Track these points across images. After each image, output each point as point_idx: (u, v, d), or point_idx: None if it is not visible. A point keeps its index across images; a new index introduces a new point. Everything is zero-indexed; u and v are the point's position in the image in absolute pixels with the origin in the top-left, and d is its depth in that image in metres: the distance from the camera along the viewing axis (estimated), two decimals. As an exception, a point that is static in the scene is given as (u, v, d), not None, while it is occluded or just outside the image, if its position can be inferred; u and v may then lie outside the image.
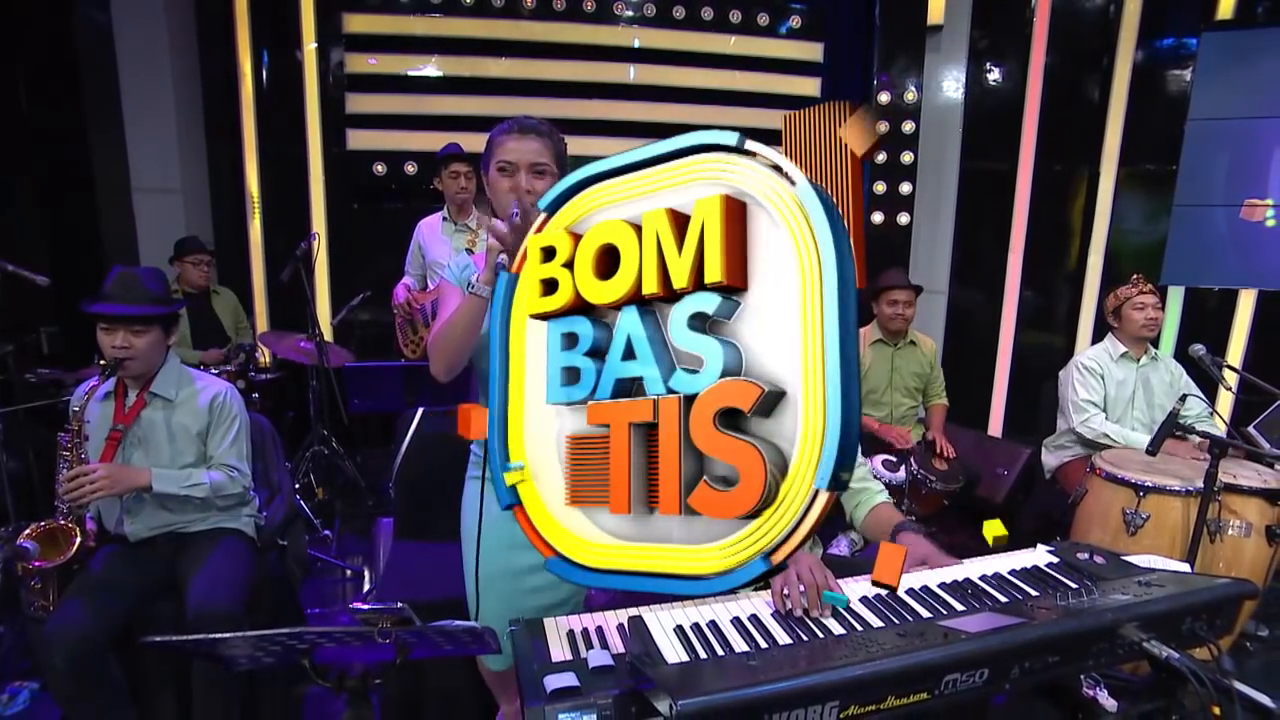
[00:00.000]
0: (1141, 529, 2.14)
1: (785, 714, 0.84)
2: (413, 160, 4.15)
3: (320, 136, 4.22)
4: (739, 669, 0.90)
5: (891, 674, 0.88)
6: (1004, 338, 4.58)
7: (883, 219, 4.29)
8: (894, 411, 3.05)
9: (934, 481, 2.67)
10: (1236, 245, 4.46)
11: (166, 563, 1.93)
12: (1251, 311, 4.41)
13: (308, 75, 4.16)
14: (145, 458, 1.93)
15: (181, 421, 1.97)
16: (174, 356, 2.02)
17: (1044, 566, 1.30)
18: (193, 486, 1.91)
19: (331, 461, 3.52)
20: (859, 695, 0.87)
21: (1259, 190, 4.42)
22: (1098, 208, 4.45)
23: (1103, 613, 1.05)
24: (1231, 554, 2.26)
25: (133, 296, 1.87)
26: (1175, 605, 1.10)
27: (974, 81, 4.40)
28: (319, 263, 4.19)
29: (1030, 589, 1.20)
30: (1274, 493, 2.23)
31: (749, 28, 4.29)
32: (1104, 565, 1.32)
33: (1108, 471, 2.25)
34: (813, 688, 0.83)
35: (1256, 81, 4.31)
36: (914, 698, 0.91)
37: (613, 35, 4.21)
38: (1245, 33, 4.33)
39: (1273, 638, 2.57)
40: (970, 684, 0.95)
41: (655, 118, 4.29)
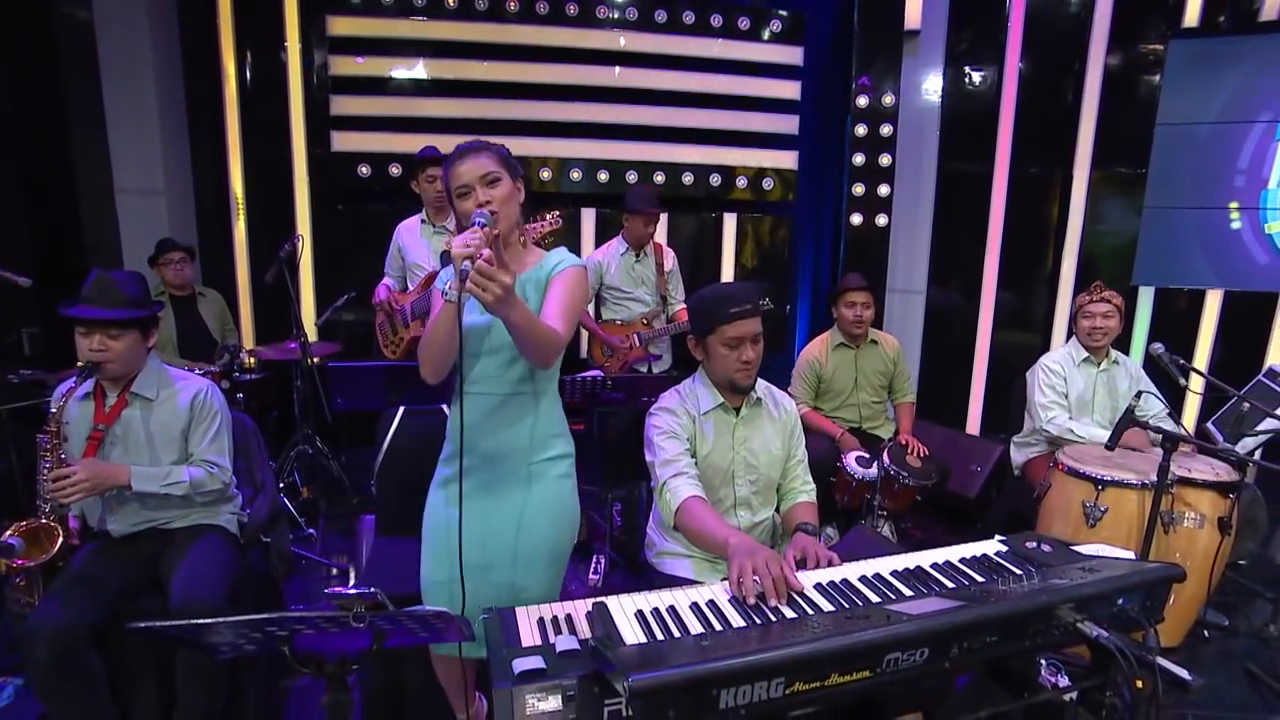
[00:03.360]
0: (1100, 521, 2.22)
1: (733, 689, 0.90)
2: (397, 162, 4.19)
3: (304, 138, 4.25)
4: (692, 649, 0.96)
5: (833, 653, 0.94)
6: (981, 337, 4.68)
7: (861, 220, 4.37)
8: (862, 410, 3.13)
9: (906, 478, 2.75)
10: (1204, 247, 4.59)
11: (149, 558, 1.96)
12: (1218, 312, 4.53)
13: (291, 77, 4.19)
14: (126, 456, 1.96)
15: (162, 421, 2.00)
16: (154, 358, 2.04)
17: (993, 555, 1.37)
18: (172, 485, 1.93)
19: (316, 461, 3.55)
20: (803, 672, 0.93)
21: (1225, 194, 4.55)
22: (1071, 209, 4.56)
23: (1038, 595, 1.12)
24: (1187, 544, 2.35)
25: (109, 300, 1.89)
26: (1106, 587, 1.17)
27: (951, 85, 4.50)
28: (304, 264, 4.22)
29: (977, 575, 1.27)
30: (1226, 485, 2.32)
31: (730, 32, 4.35)
32: (1050, 553, 1.40)
33: (1069, 466, 2.33)
34: (758, 665, 0.89)
35: (1221, 87, 4.44)
36: (857, 675, 0.97)
37: (595, 39, 4.26)
38: (1210, 40, 4.46)
39: (1231, 627, 2.66)
40: (911, 662, 1.01)
41: (637, 120, 4.36)
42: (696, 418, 1.74)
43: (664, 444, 1.67)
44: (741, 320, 1.66)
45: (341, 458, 3.71)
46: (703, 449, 1.72)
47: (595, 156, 4.36)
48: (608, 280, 3.54)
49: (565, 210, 4.47)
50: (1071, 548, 1.43)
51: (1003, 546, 1.41)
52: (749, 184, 4.49)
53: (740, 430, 1.75)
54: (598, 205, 4.49)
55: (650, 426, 1.73)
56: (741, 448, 1.74)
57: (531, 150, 4.29)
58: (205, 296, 3.82)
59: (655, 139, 4.38)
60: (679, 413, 1.73)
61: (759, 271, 4.64)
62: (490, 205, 1.42)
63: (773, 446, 1.77)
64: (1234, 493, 2.34)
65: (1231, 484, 2.32)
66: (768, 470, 1.77)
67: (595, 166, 4.36)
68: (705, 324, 1.71)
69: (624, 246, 3.54)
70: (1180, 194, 4.56)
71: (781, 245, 4.67)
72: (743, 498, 1.74)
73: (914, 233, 4.57)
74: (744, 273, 4.63)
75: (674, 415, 1.72)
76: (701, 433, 1.73)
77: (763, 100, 4.44)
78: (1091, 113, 4.48)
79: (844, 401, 3.13)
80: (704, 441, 1.72)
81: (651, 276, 3.56)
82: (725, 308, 1.68)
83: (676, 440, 1.68)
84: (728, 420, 1.75)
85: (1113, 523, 2.20)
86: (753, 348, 1.69)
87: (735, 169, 4.47)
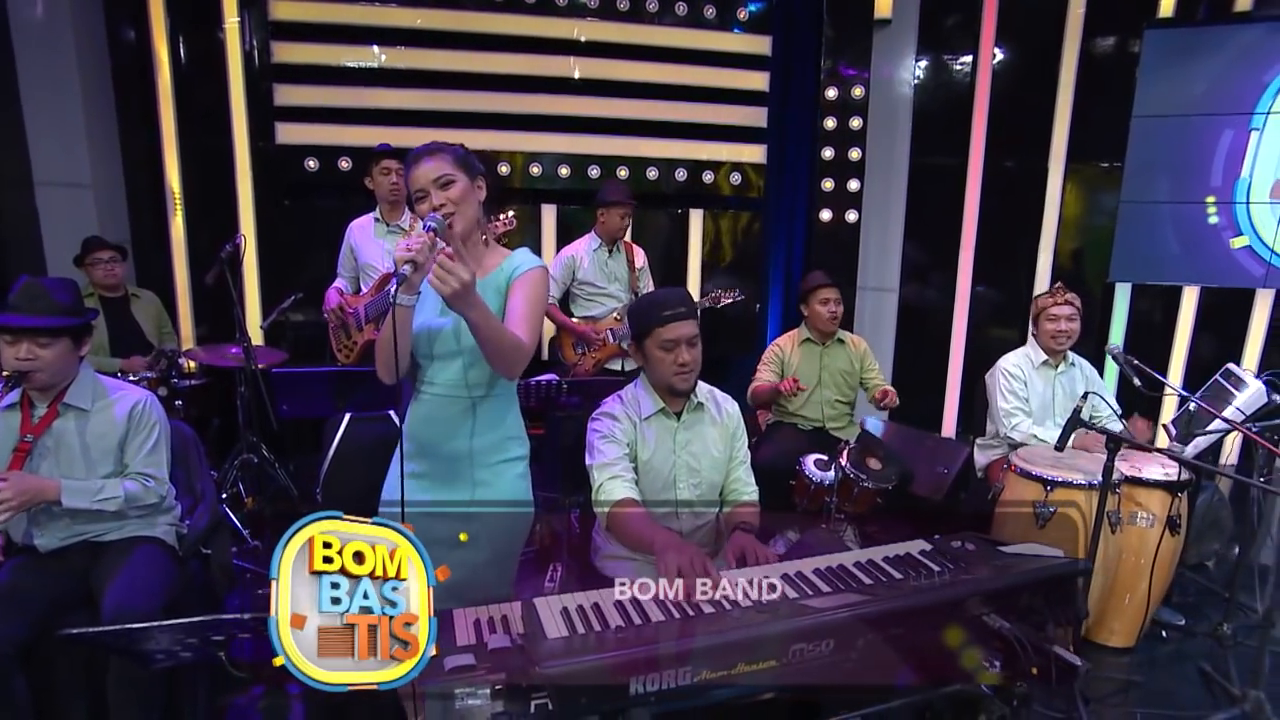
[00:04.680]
0: (1050, 521, 2.41)
1: (643, 677, 1.04)
2: (347, 156, 4.25)
3: (246, 129, 4.26)
4: (608, 640, 1.10)
5: (739, 643, 1.09)
6: (956, 335, 4.88)
7: (831, 216, 4.55)
8: (826, 410, 3.31)
9: (865, 480, 2.91)
10: (1181, 243, 4.81)
11: (80, 572, 2.01)
12: (1195, 308, 4.77)
13: (231, 64, 4.18)
14: (57, 469, 2.01)
15: (98, 432, 2.06)
16: (88, 367, 2.11)
17: (916, 554, 1.53)
18: (105, 500, 1.99)
19: (262, 470, 3.63)
20: (710, 661, 1.08)
21: (1201, 187, 4.78)
22: (1047, 204, 4.76)
23: (945, 590, 1.28)
24: (1138, 543, 2.55)
25: (38, 307, 1.95)
26: (1012, 582, 1.33)
27: (923, 77, 4.68)
28: (248, 263, 4.27)
29: (895, 572, 1.43)
30: (1175, 485, 2.52)
31: (696, 20, 4.49)
32: (973, 552, 1.56)
33: (1021, 468, 2.52)
34: (665, 654, 1.04)
35: (1197, 79, 4.66)
36: (764, 664, 1.12)
37: (555, 27, 4.36)
38: (1186, 30, 4.68)
39: (1188, 627, 2.87)
40: (817, 653, 1.17)
41: (600, 113, 4.47)
42: (638, 422, 1.88)
43: (603, 448, 1.82)
44: (675, 322, 1.82)
45: (290, 466, 3.79)
46: (644, 453, 1.86)
47: (556, 151, 4.48)
48: (580, 276, 3.71)
49: (525, 207, 4.60)
50: (997, 547, 1.60)
51: (928, 546, 1.57)
52: (716, 179, 4.64)
53: (682, 434, 1.90)
54: (559, 202, 4.61)
55: (591, 430, 1.87)
56: (683, 451, 1.89)
57: (489, 144, 4.39)
58: (140, 298, 3.84)
59: (619, 132, 4.51)
60: (620, 417, 1.87)
61: (727, 269, 4.80)
62: (444, 209, 1.55)
63: (714, 450, 1.92)
64: (1182, 491, 2.54)
65: (1181, 483, 2.52)
66: (710, 473, 1.92)
67: (556, 161, 4.48)
68: (642, 328, 1.86)
69: (597, 242, 3.72)
70: (1157, 188, 4.78)
71: (751, 242, 4.83)
72: (685, 500, 1.89)
73: (886, 229, 4.76)
74: (712, 270, 4.78)
75: (615, 420, 1.87)
76: (643, 437, 1.87)
77: (730, 92, 4.59)
78: (1067, 105, 4.68)
79: (808, 399, 3.31)
80: (645, 446, 1.87)
81: (624, 273, 3.75)
82: (659, 311, 1.84)
83: (616, 444, 1.82)
84: (669, 425, 1.90)
85: (1061, 522, 2.39)
86: (689, 350, 1.83)
87: (702, 163, 4.61)
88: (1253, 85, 4.55)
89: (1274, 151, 4.51)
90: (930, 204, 4.75)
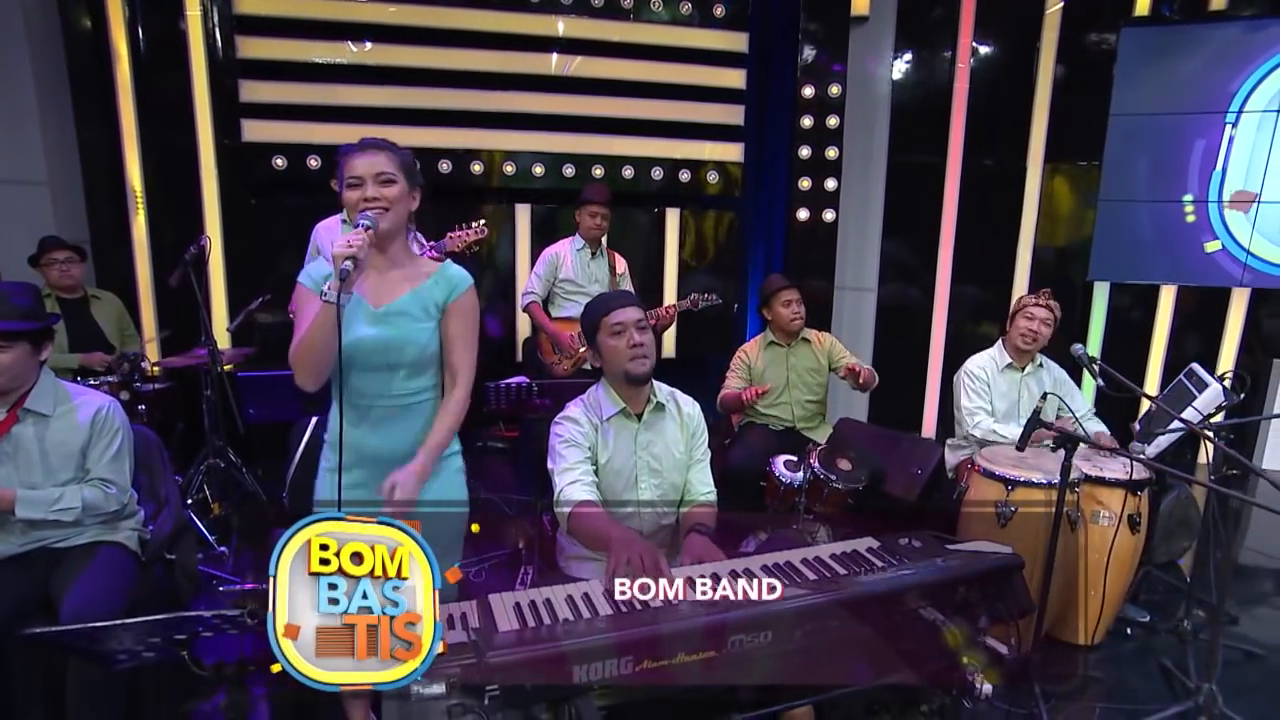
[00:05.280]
0: (1011, 520, 2.54)
1: (585, 665, 1.14)
2: (315, 154, 4.33)
3: (211, 125, 4.30)
4: (555, 632, 1.21)
5: (678, 634, 1.19)
6: (936, 334, 5.02)
7: (808, 216, 4.67)
8: (796, 410, 3.43)
9: (835, 481, 3.03)
10: (1160, 241, 4.98)
11: (38, 579, 2.07)
12: (1172, 307, 4.94)
13: (194, 57, 4.20)
14: (15, 475, 2.07)
15: (59, 438, 2.12)
16: (49, 373, 2.18)
17: (863, 551, 1.65)
18: (62, 510, 2.05)
19: (229, 475, 3.69)
20: (650, 650, 1.18)
21: (1179, 185, 4.95)
22: (1026, 201, 4.92)
23: (882, 584, 1.39)
24: (1100, 542, 2.68)
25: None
26: (946, 576, 1.45)
27: (901, 74, 4.82)
28: (214, 263, 4.31)
29: (839, 568, 1.54)
30: (1135, 484, 2.65)
31: (672, 16, 4.61)
32: (919, 548, 1.67)
33: (984, 467, 2.65)
34: (605, 644, 1.14)
35: (1174, 78, 4.83)
36: (702, 654, 1.23)
37: (530, 24, 4.46)
38: (1162, 29, 4.85)
39: (1151, 624, 3.01)
40: (756, 643, 1.28)
41: (575, 110, 4.58)
42: (599, 425, 1.99)
43: (564, 452, 1.92)
44: (619, 309, 1.95)
45: (258, 470, 3.85)
46: (604, 455, 1.97)
47: (531, 149, 4.58)
48: (562, 274, 3.85)
49: (500, 206, 4.69)
50: (944, 544, 1.71)
51: (875, 544, 1.68)
52: (693, 177, 4.76)
53: (643, 435, 2.00)
54: (533, 201, 4.70)
55: (553, 435, 1.98)
56: (644, 452, 2.00)
57: (462, 142, 4.49)
58: (100, 299, 3.84)
59: (594, 130, 4.63)
60: (581, 420, 1.98)
61: (704, 269, 4.91)
62: (376, 204, 1.62)
63: (675, 450, 2.03)
64: (1142, 490, 2.67)
65: (1140, 482, 2.66)
66: (671, 474, 2.03)
67: (530, 160, 4.58)
68: (591, 324, 2.00)
69: (580, 243, 3.88)
70: (1135, 187, 4.95)
71: (728, 241, 4.95)
72: (646, 500, 1.99)
73: (865, 228, 4.90)
74: (688, 270, 4.89)
75: (576, 423, 1.97)
76: (603, 439, 1.98)
77: (707, 89, 4.72)
78: (1045, 103, 4.84)
79: (777, 399, 3.43)
80: (605, 447, 1.97)
81: (605, 276, 3.90)
82: (603, 304, 2.00)
83: (577, 448, 1.92)
84: (630, 426, 2.00)
85: (1021, 521, 2.52)
86: (639, 333, 1.94)
87: (679, 162, 4.73)
88: (1228, 84, 4.72)
89: (1247, 151, 4.68)
90: (909, 202, 4.89)
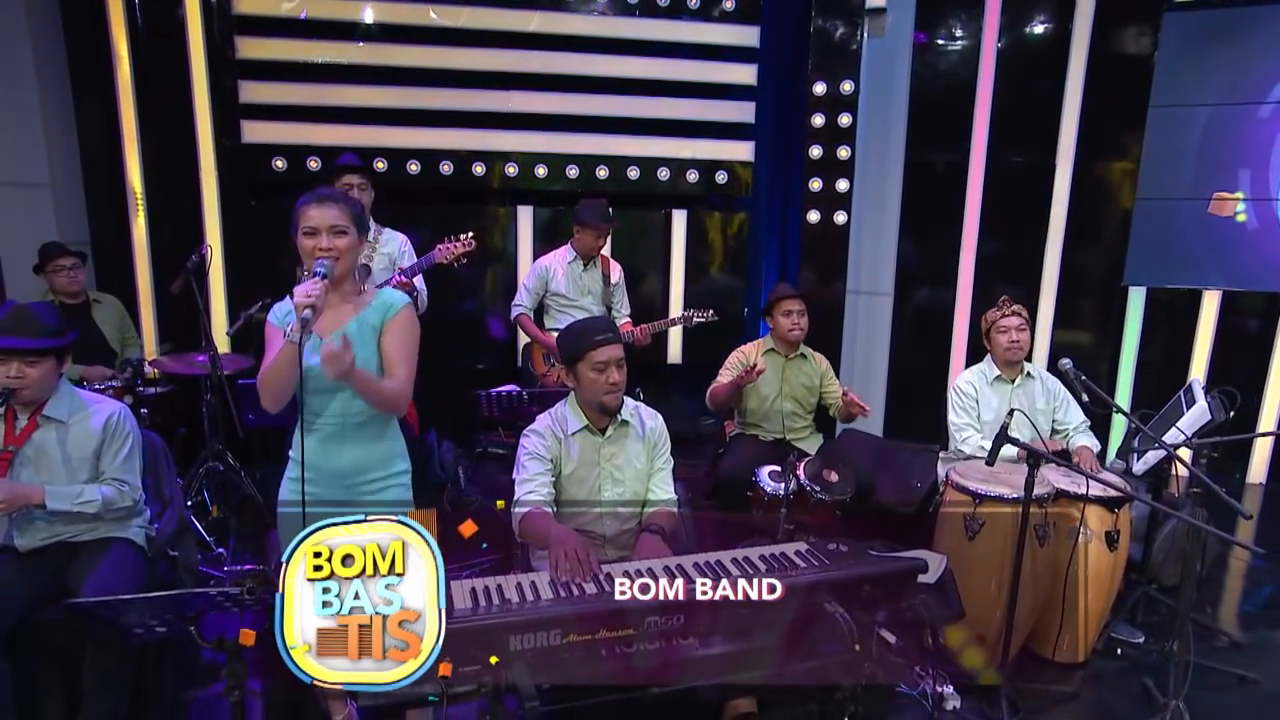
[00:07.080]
0: (979, 533, 2.89)
1: (519, 635, 1.58)
2: (316, 155, 4.79)
3: (211, 127, 4.77)
4: (498, 610, 1.63)
5: (598, 613, 1.61)
6: (957, 342, 5.31)
7: (819, 218, 5.00)
8: (785, 422, 3.80)
9: (820, 493, 3.40)
10: (1205, 242, 5.19)
11: (57, 571, 2.56)
12: (1216, 313, 5.16)
13: (194, 59, 4.67)
14: (37, 476, 2.57)
15: (75, 442, 2.62)
16: (65, 382, 2.69)
17: (790, 553, 2.04)
18: (85, 503, 2.54)
19: (227, 478, 4.19)
20: (575, 626, 1.61)
21: (1228, 182, 5.16)
22: (1055, 201, 5.17)
23: (793, 579, 1.79)
24: (1080, 558, 3.02)
25: (29, 329, 2.51)
26: (851, 575, 1.84)
27: (920, 67, 5.12)
28: (214, 265, 4.78)
29: (762, 566, 1.94)
30: (1111, 501, 2.99)
31: (679, 11, 4.97)
32: (845, 553, 2.06)
33: (956, 481, 3.01)
34: (535, 619, 1.57)
35: (1223, 65, 5.02)
36: (623, 631, 1.65)
37: (531, 21, 4.86)
38: (1210, 12, 5.06)
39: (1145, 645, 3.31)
40: (670, 625, 1.69)
41: (579, 110, 4.98)
42: (564, 438, 2.42)
43: (526, 464, 2.35)
44: (606, 346, 2.35)
45: (256, 474, 4.33)
46: (568, 467, 2.40)
47: (533, 150, 4.99)
48: (553, 287, 4.25)
49: (501, 209, 5.11)
50: (868, 550, 2.10)
51: (804, 547, 2.07)
52: (701, 177, 5.13)
53: (606, 448, 2.43)
54: (536, 203, 5.13)
55: (520, 448, 2.41)
56: (608, 464, 2.42)
57: (464, 143, 4.92)
58: (101, 303, 4.33)
59: (598, 130, 5.02)
60: (546, 435, 2.41)
61: (713, 273, 5.28)
62: (329, 253, 2.05)
63: (637, 462, 2.45)
64: (1119, 508, 3.01)
65: (1118, 499, 2.99)
66: (633, 484, 2.45)
67: (533, 161, 5.00)
68: (574, 352, 2.38)
69: (572, 255, 4.25)
70: (1177, 184, 5.17)
71: (738, 244, 5.31)
72: (610, 509, 2.41)
73: (880, 230, 5.22)
74: (697, 274, 5.27)
75: (541, 437, 2.40)
76: (567, 452, 2.41)
77: (716, 86, 5.07)
78: (1077, 95, 5.08)
79: (766, 410, 3.79)
80: (569, 460, 2.40)
81: (598, 287, 4.26)
82: (591, 336, 2.37)
83: (538, 460, 2.35)
84: (594, 440, 2.43)
85: (989, 535, 2.87)
86: (618, 371, 2.36)
87: (686, 162, 5.10)
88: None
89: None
90: (928, 203, 5.18)
